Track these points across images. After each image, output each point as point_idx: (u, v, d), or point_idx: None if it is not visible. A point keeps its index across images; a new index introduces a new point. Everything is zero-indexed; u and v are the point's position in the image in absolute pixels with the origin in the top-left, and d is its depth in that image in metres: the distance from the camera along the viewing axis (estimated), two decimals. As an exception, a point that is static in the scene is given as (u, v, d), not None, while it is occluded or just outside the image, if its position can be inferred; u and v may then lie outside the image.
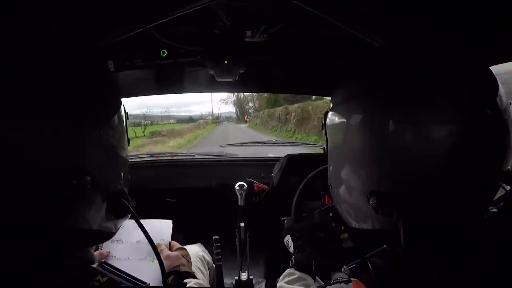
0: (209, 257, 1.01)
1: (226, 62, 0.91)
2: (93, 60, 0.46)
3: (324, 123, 0.56)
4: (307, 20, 0.75)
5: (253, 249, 1.10)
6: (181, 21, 0.72)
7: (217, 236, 0.97)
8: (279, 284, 0.79)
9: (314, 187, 1.07)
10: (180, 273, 0.71)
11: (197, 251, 0.97)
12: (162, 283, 0.53)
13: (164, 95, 1.52)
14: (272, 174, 1.25)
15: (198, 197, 1.38)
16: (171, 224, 0.85)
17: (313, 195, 1.09)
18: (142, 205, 1.29)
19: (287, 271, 0.82)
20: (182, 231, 1.22)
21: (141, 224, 0.49)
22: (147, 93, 1.41)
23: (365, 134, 0.45)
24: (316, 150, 1.95)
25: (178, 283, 0.67)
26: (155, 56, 0.91)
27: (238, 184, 1.12)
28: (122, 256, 0.77)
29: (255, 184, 1.28)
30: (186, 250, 0.80)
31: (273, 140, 2.13)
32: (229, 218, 1.07)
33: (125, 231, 0.78)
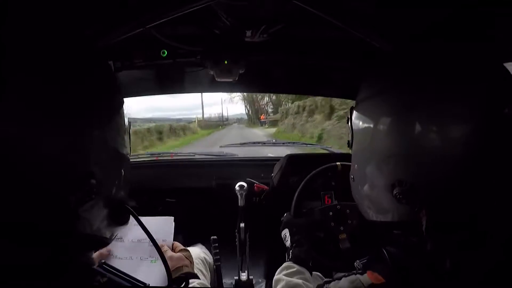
0: (210, 259, 1.01)
1: (226, 62, 0.91)
2: (96, 60, 0.46)
3: (350, 117, 0.57)
4: (307, 20, 0.75)
5: (253, 249, 1.10)
6: (181, 21, 0.72)
7: (215, 236, 0.97)
8: (277, 276, 0.78)
9: (314, 187, 1.07)
10: (183, 274, 0.71)
11: (198, 252, 0.97)
12: (166, 284, 0.52)
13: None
14: (272, 174, 1.25)
15: (198, 197, 1.38)
16: (173, 222, 0.84)
17: (313, 195, 1.09)
18: (142, 205, 1.29)
19: (286, 264, 0.81)
20: (182, 231, 1.22)
21: (145, 228, 0.49)
22: (147, 93, 1.41)
23: (391, 131, 0.47)
24: (316, 150, 1.95)
25: (181, 284, 0.67)
26: (155, 56, 0.91)
27: (238, 184, 1.12)
28: (123, 255, 0.76)
29: (255, 184, 1.28)
30: (189, 252, 0.80)
31: (273, 140, 2.12)
32: (229, 218, 1.07)
33: (127, 230, 0.77)
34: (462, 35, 0.48)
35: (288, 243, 0.88)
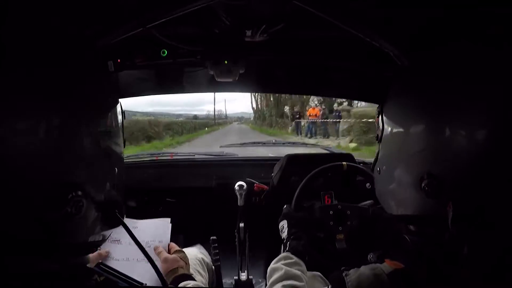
0: (208, 259, 1.01)
1: (226, 62, 0.91)
2: (90, 60, 0.45)
3: (380, 112, 0.59)
4: (307, 20, 0.75)
5: (252, 249, 1.10)
6: (181, 21, 0.72)
7: (214, 237, 0.97)
8: (275, 265, 0.78)
9: (314, 187, 1.07)
10: (178, 275, 0.71)
11: (196, 253, 0.97)
12: (158, 284, 0.53)
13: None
14: (272, 174, 1.25)
15: (198, 197, 1.38)
16: (170, 224, 0.84)
17: (313, 195, 1.09)
18: (142, 205, 1.30)
19: (284, 254, 0.81)
20: (182, 231, 1.22)
21: (133, 235, 0.48)
22: (147, 93, 1.41)
23: (422, 131, 0.50)
24: (316, 150, 1.95)
25: (176, 285, 0.66)
26: (155, 56, 0.91)
27: (238, 184, 1.12)
28: (120, 256, 0.76)
29: (255, 184, 1.28)
30: (184, 253, 0.80)
31: (273, 140, 2.12)
32: (229, 218, 1.07)
33: (124, 232, 0.78)
34: (465, 35, 0.49)
35: (284, 235, 0.88)
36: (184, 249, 0.85)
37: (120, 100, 0.52)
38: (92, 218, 0.42)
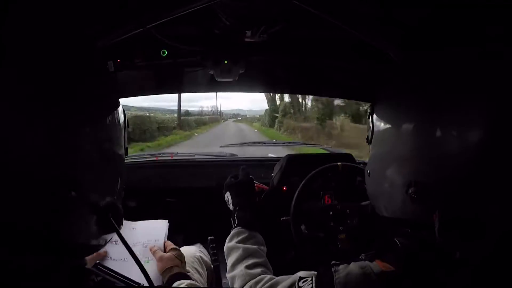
0: (207, 258, 1.01)
1: (226, 62, 0.91)
2: (91, 60, 0.45)
3: (371, 113, 0.58)
4: (307, 20, 0.75)
5: None
6: (181, 21, 0.72)
7: (212, 237, 0.97)
8: (230, 243, 0.76)
9: (314, 187, 1.07)
10: (173, 274, 0.71)
11: (194, 251, 0.97)
12: (159, 283, 0.52)
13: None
14: (272, 174, 1.25)
15: (198, 197, 1.38)
16: (167, 224, 0.85)
17: (313, 195, 1.09)
18: (142, 205, 1.29)
19: (235, 231, 0.78)
20: (182, 231, 1.22)
21: (123, 238, 0.47)
22: (147, 93, 1.41)
23: (411, 134, 0.49)
24: (316, 150, 1.94)
25: (170, 284, 0.66)
26: (155, 56, 0.91)
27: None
28: (118, 257, 0.77)
29: (255, 184, 1.28)
30: (179, 251, 0.80)
31: (273, 140, 2.13)
32: (229, 218, 1.07)
33: (122, 233, 0.78)
34: (463, 35, 0.49)
35: (231, 207, 0.88)
36: (182, 248, 0.85)
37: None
38: (87, 220, 0.41)
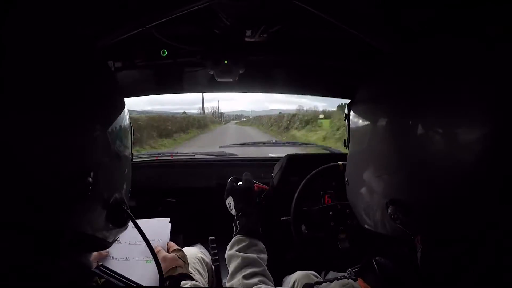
0: (208, 258, 1.01)
1: (226, 62, 0.91)
2: (97, 60, 0.46)
3: (348, 116, 0.53)
4: (307, 20, 0.75)
5: None
6: (181, 21, 0.72)
7: (213, 237, 0.97)
8: (230, 251, 0.75)
9: (314, 187, 1.07)
10: (176, 275, 0.71)
11: (196, 252, 0.97)
12: (158, 284, 0.53)
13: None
14: (272, 174, 1.25)
15: (198, 197, 1.38)
16: (169, 223, 0.85)
17: (313, 195, 1.09)
18: (142, 205, 1.29)
19: (236, 238, 0.77)
20: (182, 231, 1.22)
21: (140, 229, 0.49)
22: (147, 93, 1.41)
23: (391, 137, 0.42)
24: (316, 150, 1.95)
25: (174, 285, 0.67)
26: (155, 56, 0.91)
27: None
28: (120, 256, 0.77)
29: (255, 184, 1.28)
30: (182, 252, 0.80)
31: (273, 140, 2.13)
32: (229, 218, 1.07)
33: (124, 231, 0.78)
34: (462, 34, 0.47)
35: (233, 212, 0.86)
36: (184, 249, 0.85)
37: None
38: (99, 212, 0.42)
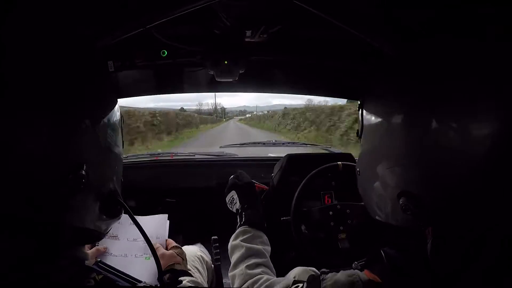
0: (208, 257, 1.01)
1: (226, 62, 0.91)
2: (90, 58, 0.46)
3: (361, 108, 0.54)
4: (307, 20, 0.75)
5: None
6: (181, 21, 0.72)
7: (216, 236, 0.97)
8: (235, 242, 0.76)
9: (314, 187, 1.07)
10: (174, 272, 0.71)
11: (195, 251, 0.98)
12: (158, 280, 0.53)
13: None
14: (272, 174, 1.25)
15: (198, 197, 1.38)
16: (167, 220, 0.85)
17: (313, 195, 1.09)
18: (142, 205, 1.29)
19: (241, 229, 0.78)
20: (182, 231, 1.22)
21: (138, 223, 0.49)
22: (147, 93, 1.41)
23: (405, 131, 0.43)
24: (316, 150, 1.94)
25: (172, 282, 0.67)
26: (155, 56, 0.91)
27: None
28: (118, 252, 0.77)
29: (255, 184, 1.28)
30: (181, 249, 0.80)
31: (273, 140, 2.12)
32: (229, 218, 1.07)
33: (122, 228, 0.79)
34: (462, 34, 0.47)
35: (237, 205, 0.86)
36: (183, 247, 0.85)
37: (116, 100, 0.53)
38: (92, 205, 0.43)
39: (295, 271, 0.87)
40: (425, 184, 0.41)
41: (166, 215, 0.85)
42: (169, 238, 0.83)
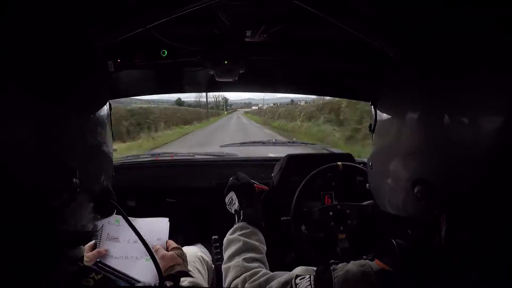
0: (208, 258, 1.01)
1: (226, 62, 0.91)
2: (86, 59, 0.46)
3: (374, 102, 0.55)
4: (308, 20, 0.75)
5: None
6: (181, 21, 0.72)
7: (216, 236, 0.97)
8: (232, 236, 0.76)
9: (314, 187, 1.07)
10: (175, 273, 0.71)
11: (195, 251, 0.98)
12: (157, 280, 0.53)
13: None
14: (272, 174, 1.25)
15: (198, 197, 1.38)
16: (168, 222, 0.85)
17: (313, 195, 1.09)
18: (142, 205, 1.30)
19: (240, 224, 0.79)
20: (182, 231, 1.22)
21: (132, 225, 0.49)
22: (147, 93, 1.41)
23: (417, 126, 0.45)
24: (316, 150, 1.94)
25: (173, 283, 0.67)
26: (155, 56, 0.91)
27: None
28: (119, 254, 0.77)
29: (255, 185, 1.28)
30: (181, 250, 0.80)
31: (273, 140, 2.12)
32: (229, 218, 1.07)
33: (123, 230, 0.79)
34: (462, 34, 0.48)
35: (236, 206, 0.86)
36: (184, 247, 0.85)
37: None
38: (86, 206, 0.43)
39: (297, 270, 0.87)
40: (440, 172, 0.43)
41: (167, 219, 0.86)
42: (169, 238, 0.83)
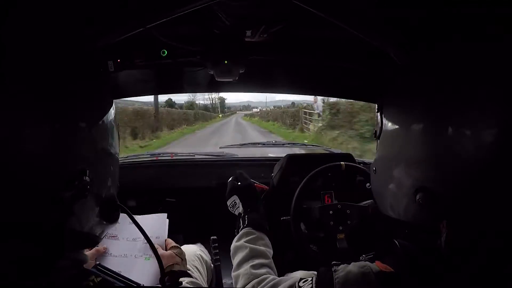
0: (207, 257, 1.01)
1: (226, 62, 0.91)
2: (88, 60, 0.46)
3: (380, 108, 0.56)
4: (308, 20, 0.75)
5: None
6: (181, 21, 0.72)
7: (215, 236, 0.97)
8: (238, 243, 0.76)
9: (314, 187, 1.07)
10: (174, 272, 0.71)
11: (195, 250, 0.98)
12: (159, 281, 0.53)
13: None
14: (272, 174, 1.25)
15: (198, 197, 1.38)
16: (166, 219, 0.84)
17: (313, 195, 1.09)
18: (142, 205, 1.29)
19: (245, 230, 0.79)
20: (182, 231, 1.22)
21: (139, 225, 0.49)
22: (147, 93, 1.41)
23: (421, 136, 0.46)
24: (316, 150, 1.94)
25: (171, 282, 0.67)
26: (155, 56, 0.91)
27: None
28: (118, 253, 0.76)
29: (255, 184, 1.28)
30: (180, 249, 0.80)
31: (273, 141, 2.12)
32: (229, 218, 1.07)
33: (121, 227, 0.78)
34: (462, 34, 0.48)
35: (240, 209, 0.86)
36: (183, 246, 0.85)
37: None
38: (93, 209, 0.43)
39: (299, 274, 0.87)
40: (442, 182, 0.44)
41: (166, 214, 0.85)
42: (168, 238, 0.83)
